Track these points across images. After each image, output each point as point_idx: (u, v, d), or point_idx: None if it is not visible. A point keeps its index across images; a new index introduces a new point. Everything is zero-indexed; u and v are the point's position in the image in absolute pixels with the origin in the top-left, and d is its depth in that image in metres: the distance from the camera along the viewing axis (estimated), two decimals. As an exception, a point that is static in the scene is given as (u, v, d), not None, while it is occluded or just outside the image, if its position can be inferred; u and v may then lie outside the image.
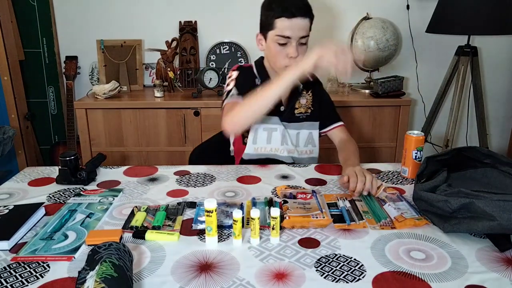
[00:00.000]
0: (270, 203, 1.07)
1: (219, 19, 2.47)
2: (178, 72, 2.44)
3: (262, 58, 1.43)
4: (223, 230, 0.94)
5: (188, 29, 2.46)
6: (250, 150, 1.41)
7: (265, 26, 1.28)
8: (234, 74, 1.39)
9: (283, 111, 1.40)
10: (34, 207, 1.00)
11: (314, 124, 1.44)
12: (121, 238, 0.90)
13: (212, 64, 2.48)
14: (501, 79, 2.65)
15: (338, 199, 1.07)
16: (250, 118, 1.19)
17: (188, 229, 0.95)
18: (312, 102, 1.43)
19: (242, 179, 1.24)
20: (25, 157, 2.49)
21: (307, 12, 1.23)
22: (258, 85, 1.37)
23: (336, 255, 0.85)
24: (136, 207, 1.05)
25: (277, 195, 1.12)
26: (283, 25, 1.23)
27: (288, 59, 1.26)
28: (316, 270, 0.79)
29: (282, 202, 1.04)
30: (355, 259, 0.83)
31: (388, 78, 2.25)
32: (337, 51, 1.03)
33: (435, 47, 2.54)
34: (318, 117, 1.44)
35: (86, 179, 1.19)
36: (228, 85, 1.37)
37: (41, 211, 1.01)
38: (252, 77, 1.40)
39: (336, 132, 1.44)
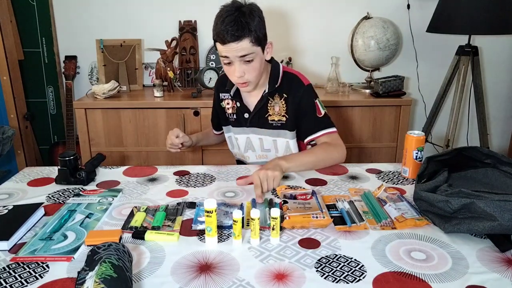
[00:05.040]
0: (270, 204, 1.07)
1: (219, 18, 2.46)
2: (178, 72, 2.44)
3: None
4: (223, 231, 0.93)
5: (188, 29, 2.45)
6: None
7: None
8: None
9: (247, 118, 1.40)
10: (34, 207, 1.00)
11: (290, 133, 1.38)
12: (120, 238, 0.89)
13: (212, 64, 2.48)
14: (501, 79, 2.65)
15: (337, 200, 1.07)
16: None
17: (187, 230, 0.94)
18: (286, 110, 1.36)
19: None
20: (24, 157, 2.49)
21: (239, 36, 1.17)
22: (224, 98, 1.46)
23: (336, 255, 0.84)
24: (136, 207, 1.04)
25: (277, 195, 1.12)
26: (220, 48, 1.23)
27: (236, 77, 1.26)
28: (317, 271, 0.79)
29: (282, 202, 1.03)
30: (355, 260, 0.83)
31: (389, 78, 2.25)
32: None
33: (435, 46, 2.54)
34: (294, 127, 1.37)
35: (85, 179, 1.19)
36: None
37: (41, 211, 1.00)
38: (224, 85, 1.43)
39: (320, 141, 1.35)
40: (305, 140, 1.38)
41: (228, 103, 1.45)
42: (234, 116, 1.44)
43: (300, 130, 1.39)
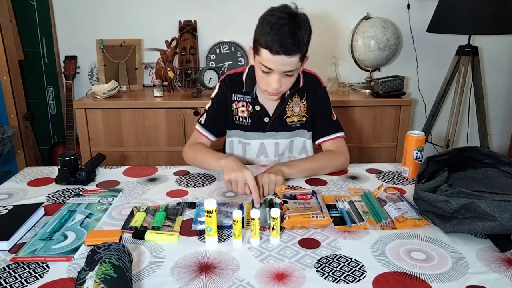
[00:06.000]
0: (270, 204, 1.07)
1: (219, 18, 2.47)
2: (178, 72, 2.44)
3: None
4: (223, 231, 0.93)
5: (188, 29, 2.45)
6: None
7: (254, 46, 1.18)
8: (217, 88, 1.38)
9: (268, 122, 1.36)
10: (34, 207, 1.00)
11: (308, 133, 1.39)
12: (120, 238, 0.89)
13: (212, 64, 2.48)
14: (501, 79, 2.65)
15: (337, 200, 1.07)
16: (195, 165, 1.33)
17: (187, 230, 0.94)
18: (306, 110, 1.35)
19: (242, 179, 1.23)
20: (24, 157, 2.49)
21: (294, 51, 1.11)
22: (237, 100, 1.35)
23: (336, 255, 0.84)
24: (136, 207, 1.04)
25: (277, 195, 1.12)
26: (266, 57, 1.13)
27: (272, 88, 1.19)
28: (317, 271, 0.79)
29: (282, 202, 1.03)
30: (355, 260, 0.83)
31: (389, 78, 2.25)
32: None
33: (435, 46, 2.54)
34: (311, 127, 1.38)
35: (85, 179, 1.19)
36: (211, 98, 1.39)
37: (41, 211, 1.00)
38: (238, 86, 1.34)
39: (327, 145, 1.36)
40: (317, 142, 1.38)
41: (243, 105, 1.35)
42: (249, 120, 1.36)
43: (314, 130, 1.39)
